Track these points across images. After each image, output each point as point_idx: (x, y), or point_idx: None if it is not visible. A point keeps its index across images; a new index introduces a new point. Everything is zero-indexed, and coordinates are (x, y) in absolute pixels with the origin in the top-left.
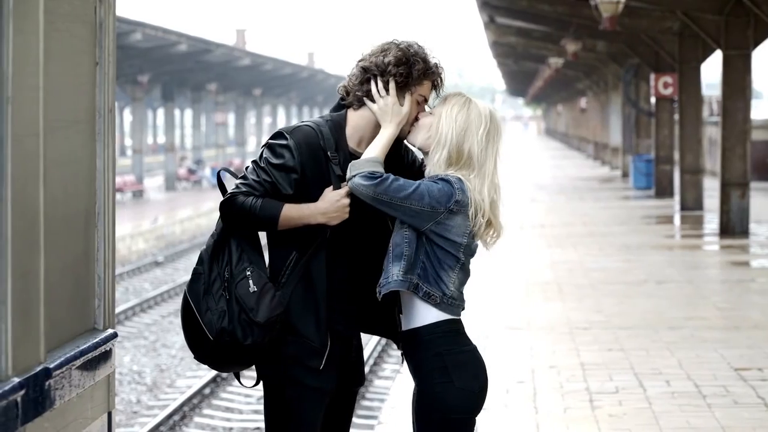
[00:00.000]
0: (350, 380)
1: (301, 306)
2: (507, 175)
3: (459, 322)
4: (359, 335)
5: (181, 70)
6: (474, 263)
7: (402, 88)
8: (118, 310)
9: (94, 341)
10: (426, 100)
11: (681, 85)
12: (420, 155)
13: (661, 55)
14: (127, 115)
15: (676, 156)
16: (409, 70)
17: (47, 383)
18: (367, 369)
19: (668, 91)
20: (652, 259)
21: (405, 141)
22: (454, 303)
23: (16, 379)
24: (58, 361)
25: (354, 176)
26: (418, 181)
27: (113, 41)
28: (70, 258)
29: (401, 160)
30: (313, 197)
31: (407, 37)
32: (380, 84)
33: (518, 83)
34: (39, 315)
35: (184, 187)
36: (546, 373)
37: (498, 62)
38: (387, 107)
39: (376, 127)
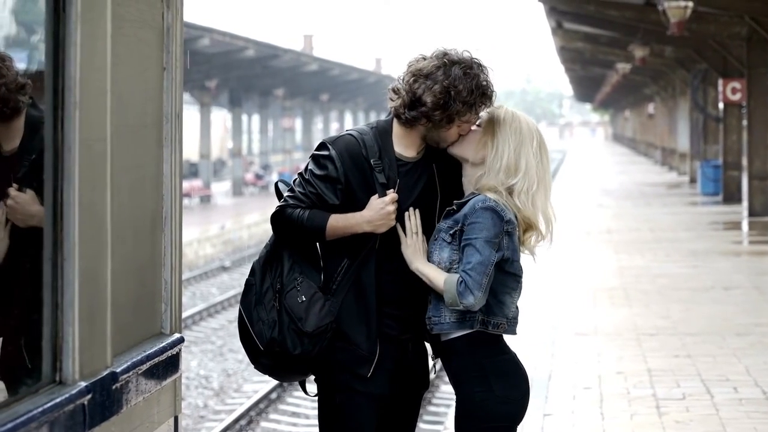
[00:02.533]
0: (412, 384)
1: (351, 313)
2: (574, 181)
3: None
4: (415, 339)
5: (249, 76)
6: (541, 269)
7: (438, 124)
8: (185, 314)
9: (161, 346)
10: (469, 121)
11: (749, 91)
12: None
13: (729, 61)
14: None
15: (745, 162)
16: (444, 114)
17: (114, 387)
18: (432, 375)
19: (736, 97)
20: (720, 265)
21: (450, 151)
22: (515, 322)
23: (83, 384)
24: (124, 366)
25: (461, 303)
26: (469, 248)
27: (181, 46)
28: (137, 262)
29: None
30: (360, 205)
31: (465, 52)
32: (413, 220)
33: (586, 89)
34: (106, 319)
35: (251, 192)
36: (613, 379)
37: (565, 68)
38: (418, 244)
39: (421, 134)
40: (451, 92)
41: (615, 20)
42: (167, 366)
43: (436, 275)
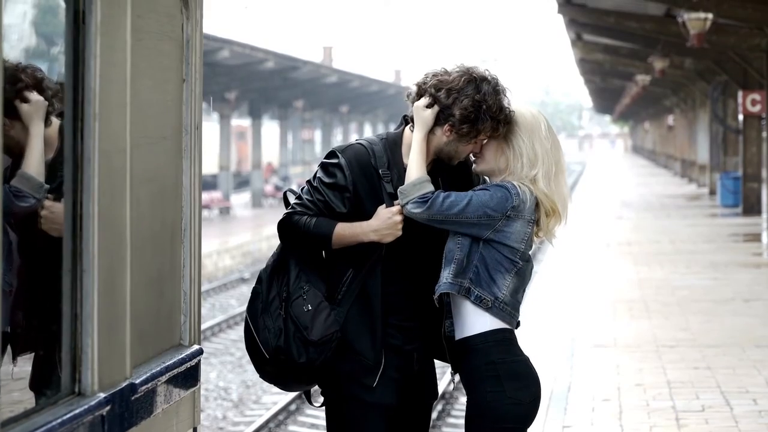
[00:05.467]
0: (420, 393)
1: (357, 323)
2: (594, 193)
3: (512, 332)
4: (421, 349)
5: (269, 87)
6: (561, 280)
7: (462, 137)
8: (204, 326)
9: (180, 357)
10: (484, 138)
11: None
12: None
13: (749, 72)
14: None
15: (764, 173)
16: (471, 129)
17: (133, 399)
18: (452, 387)
19: (756, 108)
20: (740, 277)
21: (476, 170)
22: (506, 309)
23: (102, 395)
24: (143, 377)
25: (406, 204)
26: (469, 192)
27: (200, 58)
28: (156, 274)
29: (470, 183)
30: (367, 214)
31: (489, 70)
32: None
33: (605, 100)
34: (125, 331)
35: (270, 204)
36: (632, 391)
37: (585, 79)
38: (418, 109)
39: (433, 148)
40: (482, 106)
41: (635, 32)
42: (186, 377)
43: (416, 162)
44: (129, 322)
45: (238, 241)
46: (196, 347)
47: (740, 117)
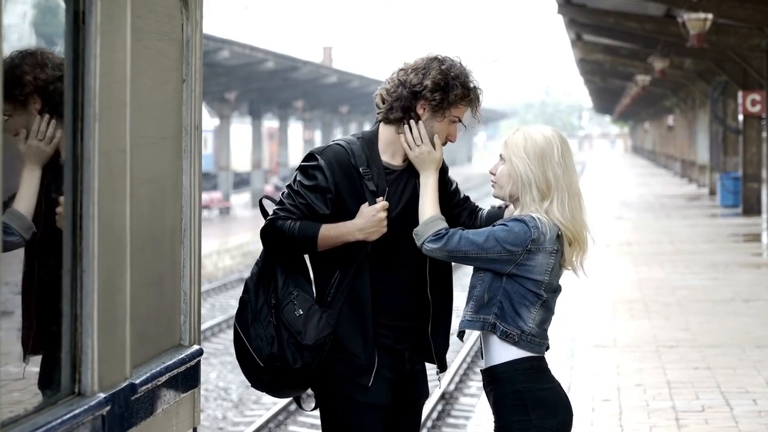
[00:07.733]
0: (411, 392)
1: (348, 324)
2: (594, 193)
3: (541, 360)
4: (412, 349)
5: (268, 88)
6: (561, 280)
7: (436, 111)
8: (204, 326)
9: (180, 357)
10: (460, 120)
11: None
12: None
13: (749, 73)
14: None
15: (765, 173)
16: (444, 96)
17: (133, 399)
18: (452, 387)
19: (756, 109)
20: (740, 277)
21: (495, 196)
22: (535, 341)
23: (102, 395)
24: (143, 377)
25: (423, 244)
26: (487, 229)
27: (200, 58)
28: (156, 274)
29: (444, 187)
30: (350, 214)
31: (451, 54)
32: (415, 132)
33: (605, 101)
34: (125, 331)
35: (270, 204)
36: (632, 392)
37: (585, 80)
38: (423, 155)
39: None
40: (450, 74)
41: (635, 32)
42: (186, 378)
43: (427, 200)
44: (129, 323)
45: (237, 241)
46: (196, 347)
47: (740, 117)
